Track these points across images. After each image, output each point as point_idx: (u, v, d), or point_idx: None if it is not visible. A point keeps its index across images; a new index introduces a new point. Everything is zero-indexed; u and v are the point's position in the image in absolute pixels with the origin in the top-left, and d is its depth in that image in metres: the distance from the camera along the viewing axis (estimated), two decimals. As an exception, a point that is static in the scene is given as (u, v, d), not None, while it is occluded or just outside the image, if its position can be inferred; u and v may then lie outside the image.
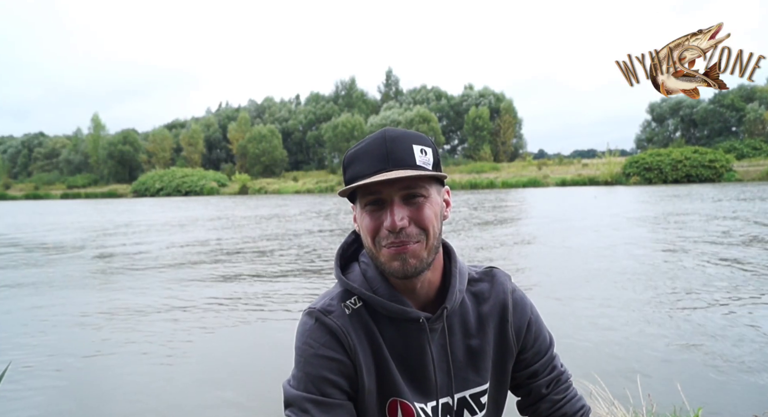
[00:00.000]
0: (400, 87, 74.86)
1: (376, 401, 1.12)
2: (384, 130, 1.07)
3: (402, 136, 1.05)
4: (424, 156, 1.05)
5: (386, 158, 1.03)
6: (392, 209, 1.03)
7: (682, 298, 6.15)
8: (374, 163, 1.03)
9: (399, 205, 1.03)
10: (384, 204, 1.04)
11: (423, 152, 1.05)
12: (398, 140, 1.04)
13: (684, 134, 58.25)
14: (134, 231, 17.22)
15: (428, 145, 1.07)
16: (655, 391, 2.93)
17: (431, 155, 1.07)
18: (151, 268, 9.68)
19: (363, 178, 1.03)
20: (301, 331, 1.11)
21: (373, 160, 1.03)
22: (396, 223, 1.02)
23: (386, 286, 1.10)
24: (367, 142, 1.07)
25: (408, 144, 1.04)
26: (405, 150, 1.04)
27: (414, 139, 1.06)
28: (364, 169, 1.04)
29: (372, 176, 1.01)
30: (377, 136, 1.07)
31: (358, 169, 1.05)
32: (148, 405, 3.88)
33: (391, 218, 1.02)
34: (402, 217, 1.02)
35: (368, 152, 1.05)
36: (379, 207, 1.05)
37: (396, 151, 1.03)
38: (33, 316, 6.46)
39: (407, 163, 1.03)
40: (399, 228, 1.02)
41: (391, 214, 1.03)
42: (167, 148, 72.06)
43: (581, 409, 1.25)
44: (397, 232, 1.03)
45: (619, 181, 39.71)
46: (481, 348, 1.17)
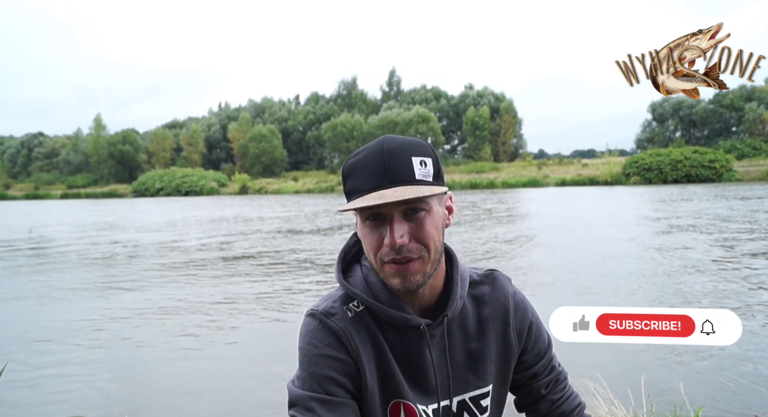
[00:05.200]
0: (401, 87, 74.99)
1: (379, 403, 1.12)
2: (382, 141, 1.04)
3: (400, 148, 1.02)
4: (423, 168, 1.02)
5: (384, 173, 1.00)
6: (392, 226, 1.01)
7: (682, 298, 6.15)
8: (372, 179, 1.00)
9: (399, 221, 1.01)
10: (384, 219, 1.03)
11: (423, 164, 1.02)
12: (396, 153, 1.01)
13: (684, 134, 58.31)
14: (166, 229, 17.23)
15: (428, 155, 1.04)
16: (655, 390, 2.93)
17: (431, 166, 1.04)
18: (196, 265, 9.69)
19: (361, 194, 1.01)
20: (304, 332, 1.11)
21: (371, 175, 1.01)
22: (396, 242, 1.00)
23: (387, 293, 1.10)
24: (365, 154, 1.04)
25: (407, 156, 1.01)
26: (403, 163, 1.01)
27: (413, 150, 1.03)
28: (362, 185, 1.02)
29: (370, 193, 0.99)
30: (375, 147, 1.03)
31: (356, 183, 1.03)
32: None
33: (391, 237, 1.01)
34: (402, 235, 1.01)
35: (366, 166, 1.02)
36: (380, 222, 1.03)
37: (394, 166, 1.00)
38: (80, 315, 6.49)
39: (406, 179, 1.00)
40: (399, 245, 1.01)
41: (391, 233, 1.01)
42: (167, 148, 72.05)
43: (578, 406, 1.27)
44: (397, 249, 1.02)
45: (619, 181, 39.72)
46: (481, 351, 1.17)
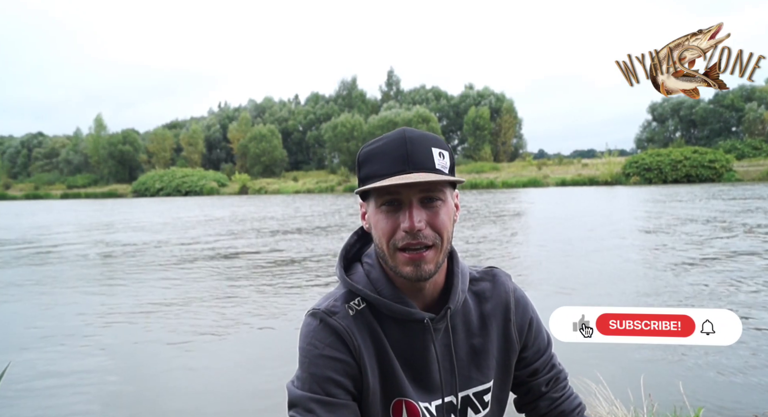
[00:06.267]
0: (400, 87, 74.92)
1: (381, 402, 1.12)
2: (403, 130, 1.06)
3: (421, 138, 1.05)
4: (442, 159, 1.05)
5: (406, 159, 1.02)
6: (411, 211, 1.03)
7: (683, 298, 6.15)
8: (393, 164, 1.02)
9: (417, 207, 1.03)
10: (401, 205, 1.04)
11: (441, 156, 1.05)
12: (418, 142, 1.04)
13: (684, 134, 58.28)
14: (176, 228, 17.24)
15: (446, 149, 1.07)
16: (656, 390, 2.93)
17: (448, 159, 1.06)
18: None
19: (381, 178, 1.02)
20: (305, 332, 1.11)
21: (393, 160, 1.02)
22: (415, 225, 1.01)
23: (390, 287, 1.10)
24: (385, 142, 1.06)
25: (428, 146, 1.04)
26: (425, 152, 1.03)
27: (433, 142, 1.06)
28: (382, 169, 1.03)
29: (391, 177, 1.01)
30: (396, 135, 1.06)
31: (376, 167, 1.04)
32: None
33: (410, 220, 1.02)
34: (420, 220, 1.02)
35: (387, 152, 1.04)
36: (396, 208, 1.04)
37: (416, 153, 1.02)
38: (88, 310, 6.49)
39: (427, 166, 1.02)
40: (417, 229, 1.02)
41: (410, 217, 1.02)
42: (167, 148, 71.98)
43: (578, 407, 1.27)
44: (414, 233, 1.02)
45: (618, 181, 39.71)
46: (484, 347, 1.17)
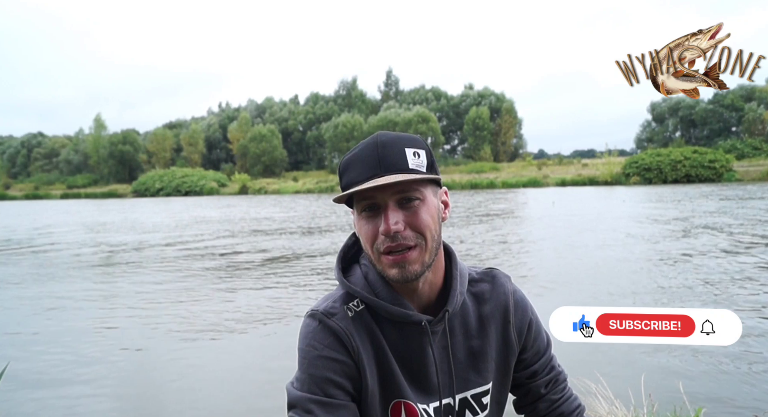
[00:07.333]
0: (400, 87, 74.99)
1: (380, 403, 1.11)
2: (376, 136, 1.07)
3: (393, 140, 1.05)
4: (417, 159, 1.05)
5: (378, 163, 1.02)
6: (386, 214, 1.03)
7: (683, 298, 6.15)
8: (367, 169, 1.03)
9: (393, 209, 1.03)
10: (379, 209, 1.04)
11: (416, 155, 1.05)
12: (389, 144, 1.04)
13: (684, 134, 58.34)
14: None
15: (421, 148, 1.07)
16: (656, 390, 2.93)
17: (425, 157, 1.06)
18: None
19: (356, 185, 1.03)
20: (304, 333, 1.11)
21: (366, 166, 1.03)
22: (390, 228, 1.01)
23: (388, 289, 1.10)
24: (360, 149, 1.07)
25: (400, 148, 1.04)
26: (397, 154, 1.04)
27: (406, 142, 1.06)
28: (357, 176, 1.04)
29: (365, 182, 1.02)
30: (369, 141, 1.06)
31: (352, 176, 1.05)
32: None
33: (386, 223, 1.02)
34: (396, 221, 1.02)
35: (361, 158, 1.05)
36: (375, 213, 1.05)
37: (388, 156, 1.03)
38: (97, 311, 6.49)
39: (399, 167, 1.02)
40: (394, 232, 1.02)
41: (386, 219, 1.02)
42: (167, 148, 72.08)
43: (577, 408, 1.27)
44: (392, 236, 1.03)
45: (618, 182, 39.74)
46: (482, 349, 1.17)
